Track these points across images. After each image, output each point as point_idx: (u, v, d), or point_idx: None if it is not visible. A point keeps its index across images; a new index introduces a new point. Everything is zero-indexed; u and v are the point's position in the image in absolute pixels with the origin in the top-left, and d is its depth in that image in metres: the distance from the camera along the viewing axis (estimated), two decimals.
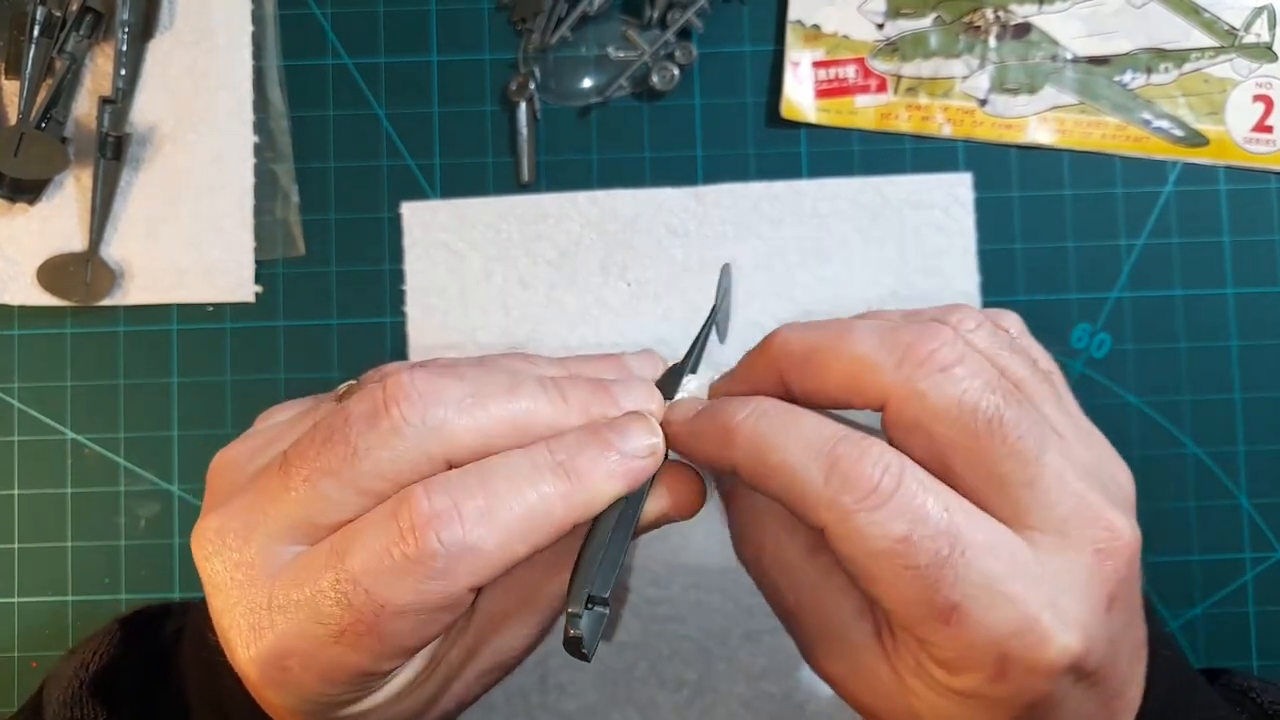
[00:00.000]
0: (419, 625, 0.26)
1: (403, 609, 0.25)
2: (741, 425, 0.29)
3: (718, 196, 0.48)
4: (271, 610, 0.26)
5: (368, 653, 0.26)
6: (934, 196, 0.48)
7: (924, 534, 0.26)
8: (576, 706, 0.46)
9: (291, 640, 0.26)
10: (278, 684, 0.27)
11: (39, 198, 0.48)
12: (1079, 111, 0.48)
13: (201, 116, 0.48)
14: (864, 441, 0.27)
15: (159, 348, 0.48)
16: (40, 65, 0.47)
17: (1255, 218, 0.48)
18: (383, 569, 0.25)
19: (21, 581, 0.48)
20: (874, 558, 0.26)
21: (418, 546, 0.25)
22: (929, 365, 0.27)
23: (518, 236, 0.48)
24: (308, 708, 0.28)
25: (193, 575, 0.47)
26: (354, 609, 0.25)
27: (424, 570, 0.25)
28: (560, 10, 0.48)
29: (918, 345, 0.28)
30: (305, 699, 0.27)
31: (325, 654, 0.26)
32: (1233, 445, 0.47)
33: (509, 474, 0.27)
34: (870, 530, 0.26)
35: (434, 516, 0.25)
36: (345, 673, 0.27)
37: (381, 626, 0.25)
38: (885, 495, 0.26)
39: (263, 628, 0.27)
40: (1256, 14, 0.48)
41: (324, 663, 0.26)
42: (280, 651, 0.26)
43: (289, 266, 0.49)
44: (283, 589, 0.26)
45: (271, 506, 0.27)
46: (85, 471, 0.48)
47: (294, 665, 0.27)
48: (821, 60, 0.49)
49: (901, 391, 0.27)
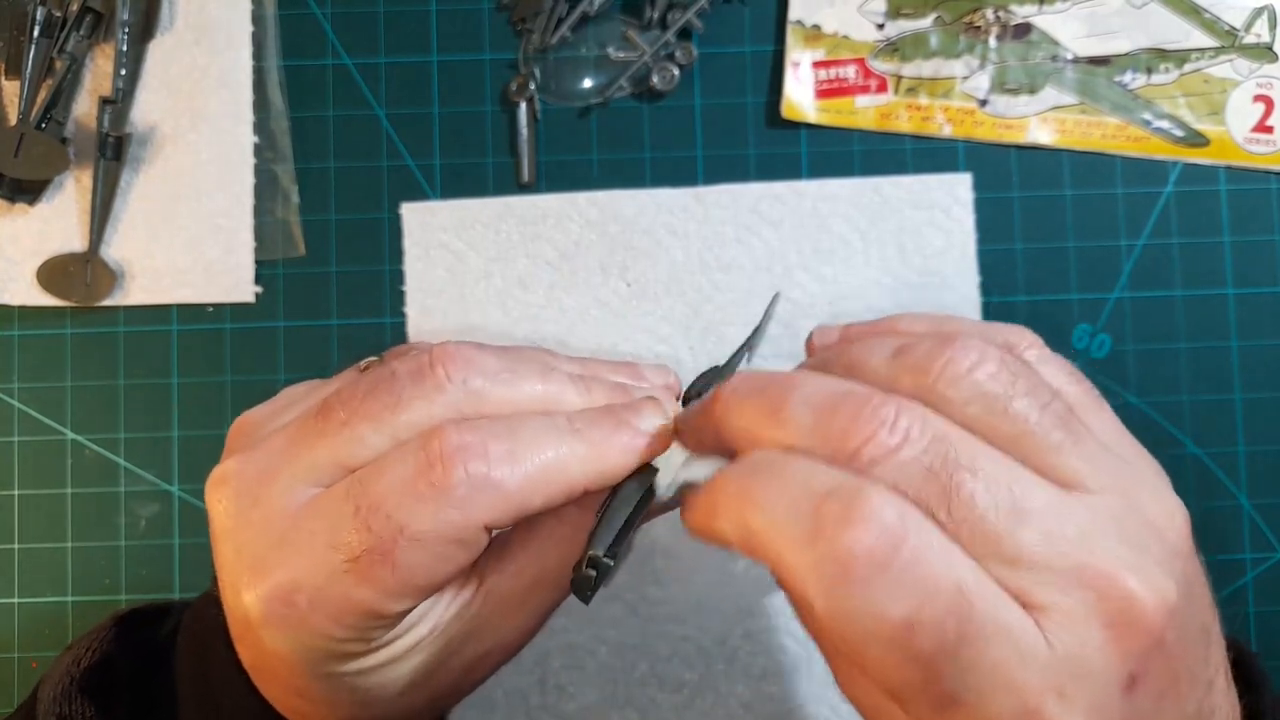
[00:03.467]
0: (432, 559, 0.26)
1: (420, 536, 0.26)
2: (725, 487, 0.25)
3: (718, 197, 0.48)
4: (284, 545, 0.27)
5: (379, 585, 0.26)
6: (934, 197, 0.48)
7: (930, 613, 0.22)
8: (576, 707, 0.46)
9: (302, 572, 0.26)
10: (281, 622, 0.27)
11: (39, 198, 0.48)
12: (1079, 112, 0.48)
13: (202, 117, 0.48)
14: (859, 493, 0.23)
15: (159, 348, 0.48)
16: (40, 65, 0.47)
17: (1256, 218, 0.48)
18: (406, 494, 0.26)
19: (21, 582, 0.48)
20: (867, 644, 0.23)
21: (444, 473, 0.26)
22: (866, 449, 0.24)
23: (517, 237, 0.48)
24: (308, 656, 0.27)
25: (193, 576, 0.47)
26: (372, 533, 0.26)
27: (446, 498, 0.26)
28: (560, 10, 0.48)
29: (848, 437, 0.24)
30: (307, 643, 0.27)
31: (335, 587, 0.26)
32: (1233, 446, 0.47)
33: (534, 429, 0.28)
34: (865, 609, 0.22)
35: (462, 448, 0.26)
36: (353, 609, 0.26)
37: (396, 555, 0.26)
38: (883, 563, 0.22)
39: (272, 564, 0.27)
40: (1257, 14, 0.48)
41: (333, 597, 0.26)
42: (288, 586, 0.26)
43: (289, 267, 0.49)
44: (299, 521, 0.27)
45: (301, 448, 0.28)
46: (85, 472, 0.48)
47: (301, 600, 0.26)
48: (822, 60, 0.49)
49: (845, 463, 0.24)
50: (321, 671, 0.28)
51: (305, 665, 0.28)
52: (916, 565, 0.22)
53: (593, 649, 0.46)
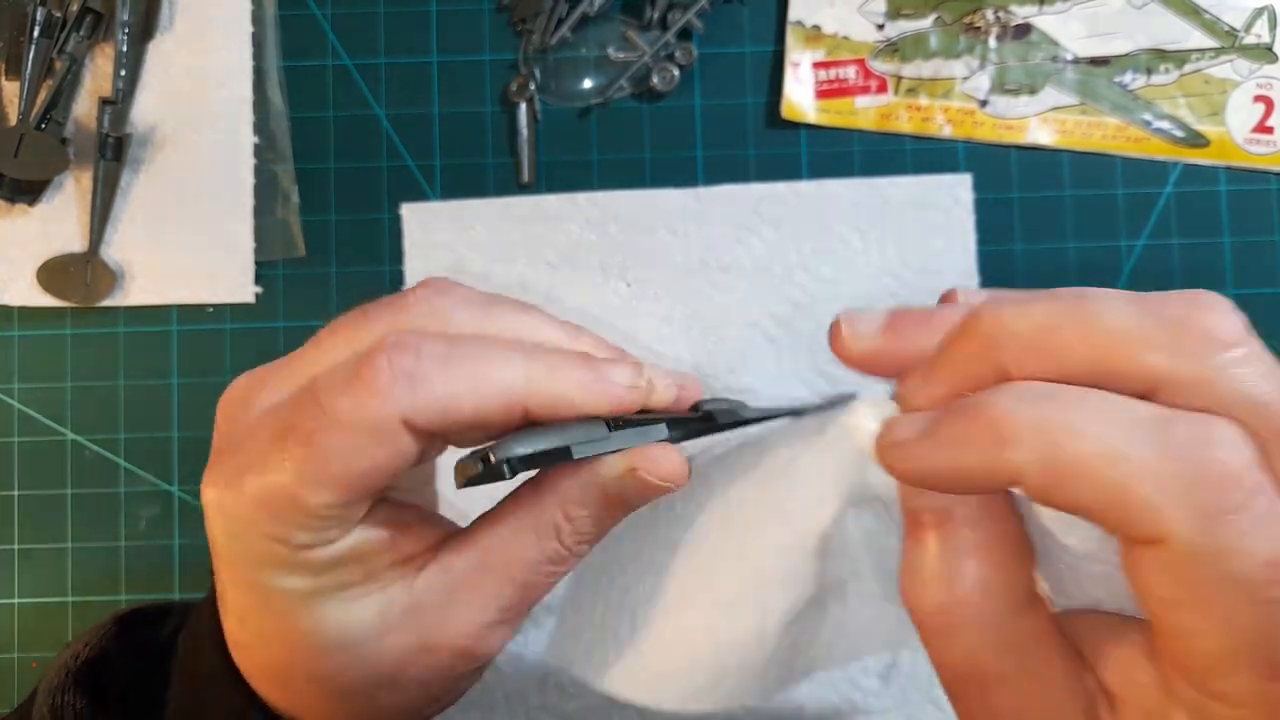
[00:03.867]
0: (349, 447, 0.26)
1: (338, 420, 0.26)
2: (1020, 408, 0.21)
3: (718, 197, 0.48)
4: (244, 437, 0.28)
5: (298, 466, 0.26)
6: (934, 197, 0.48)
7: None
8: (576, 707, 0.46)
9: (246, 455, 0.27)
10: (219, 509, 0.28)
11: (39, 199, 0.48)
12: (1079, 112, 0.48)
13: (201, 117, 0.48)
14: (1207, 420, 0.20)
15: (159, 349, 0.48)
16: (40, 66, 0.47)
17: (1255, 219, 0.48)
18: (335, 382, 0.27)
19: (21, 582, 0.48)
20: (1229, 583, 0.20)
21: (370, 366, 0.26)
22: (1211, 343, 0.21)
23: (518, 237, 0.48)
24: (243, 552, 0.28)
25: (193, 576, 0.47)
26: (301, 413, 0.27)
27: (366, 386, 0.26)
28: (560, 11, 0.48)
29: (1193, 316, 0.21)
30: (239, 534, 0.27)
31: (265, 466, 0.27)
32: None
33: (482, 342, 0.28)
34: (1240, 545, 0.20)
35: (396, 344, 0.26)
36: (274, 494, 0.26)
37: (317, 436, 0.26)
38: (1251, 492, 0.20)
39: (228, 454, 0.28)
40: (1257, 15, 0.48)
41: (263, 478, 0.27)
42: (232, 469, 0.27)
43: (289, 267, 0.49)
44: (263, 416, 0.28)
45: (287, 366, 0.29)
46: (85, 472, 0.48)
47: (236, 483, 0.27)
48: (822, 61, 0.49)
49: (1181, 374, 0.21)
50: (259, 581, 0.28)
51: (244, 570, 0.28)
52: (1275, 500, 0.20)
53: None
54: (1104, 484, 0.20)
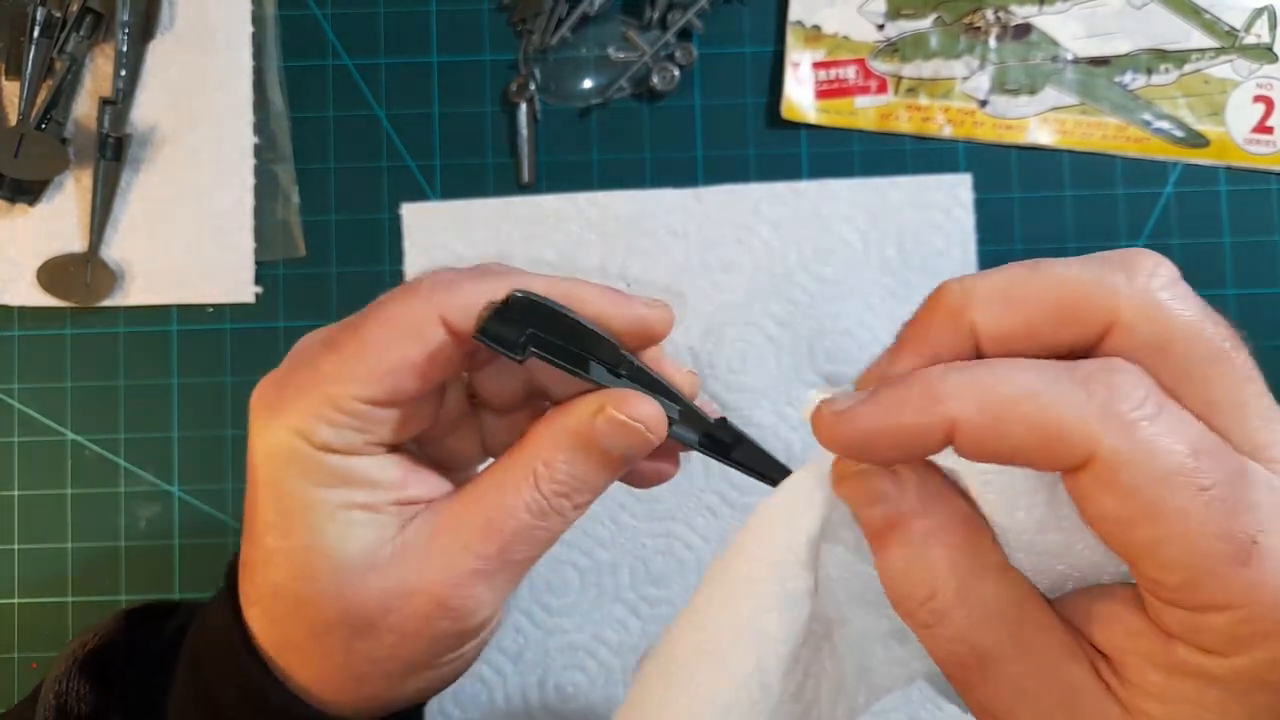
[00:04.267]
0: (389, 338, 0.29)
1: (384, 317, 0.29)
2: (950, 372, 0.24)
3: (718, 197, 0.48)
4: (292, 357, 0.31)
5: (341, 354, 0.29)
6: (934, 197, 0.48)
7: (1211, 445, 0.22)
8: (576, 708, 0.46)
9: (292, 360, 0.30)
10: (265, 406, 0.30)
11: (39, 199, 0.48)
12: (1079, 112, 0.48)
13: (202, 117, 0.48)
14: (1107, 360, 0.23)
15: (159, 348, 0.48)
16: (40, 66, 0.47)
17: (1256, 218, 0.48)
18: (389, 297, 0.30)
19: (22, 582, 0.48)
20: (1164, 480, 0.22)
21: (419, 278, 0.30)
22: (1160, 278, 0.24)
23: (518, 237, 0.48)
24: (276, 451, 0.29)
25: (193, 576, 0.47)
26: (354, 318, 0.30)
27: (413, 291, 0.29)
28: (560, 11, 0.48)
29: (1138, 261, 0.24)
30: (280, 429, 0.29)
31: (311, 358, 0.30)
32: None
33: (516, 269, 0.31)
34: (1158, 443, 0.22)
35: (444, 269, 0.30)
36: (318, 383, 0.29)
37: (364, 327, 0.29)
38: (1157, 407, 0.22)
39: (278, 370, 0.31)
40: (1257, 15, 0.48)
41: (306, 368, 0.30)
42: (281, 375, 0.30)
43: (289, 267, 0.49)
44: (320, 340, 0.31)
45: None
46: (85, 472, 0.48)
47: (283, 384, 0.30)
48: (822, 61, 0.49)
49: (1138, 305, 0.23)
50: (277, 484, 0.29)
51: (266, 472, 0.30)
52: (1181, 411, 0.23)
53: (593, 649, 0.46)
54: (1031, 420, 0.22)
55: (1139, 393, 0.22)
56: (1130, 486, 0.22)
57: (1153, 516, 0.22)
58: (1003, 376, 0.23)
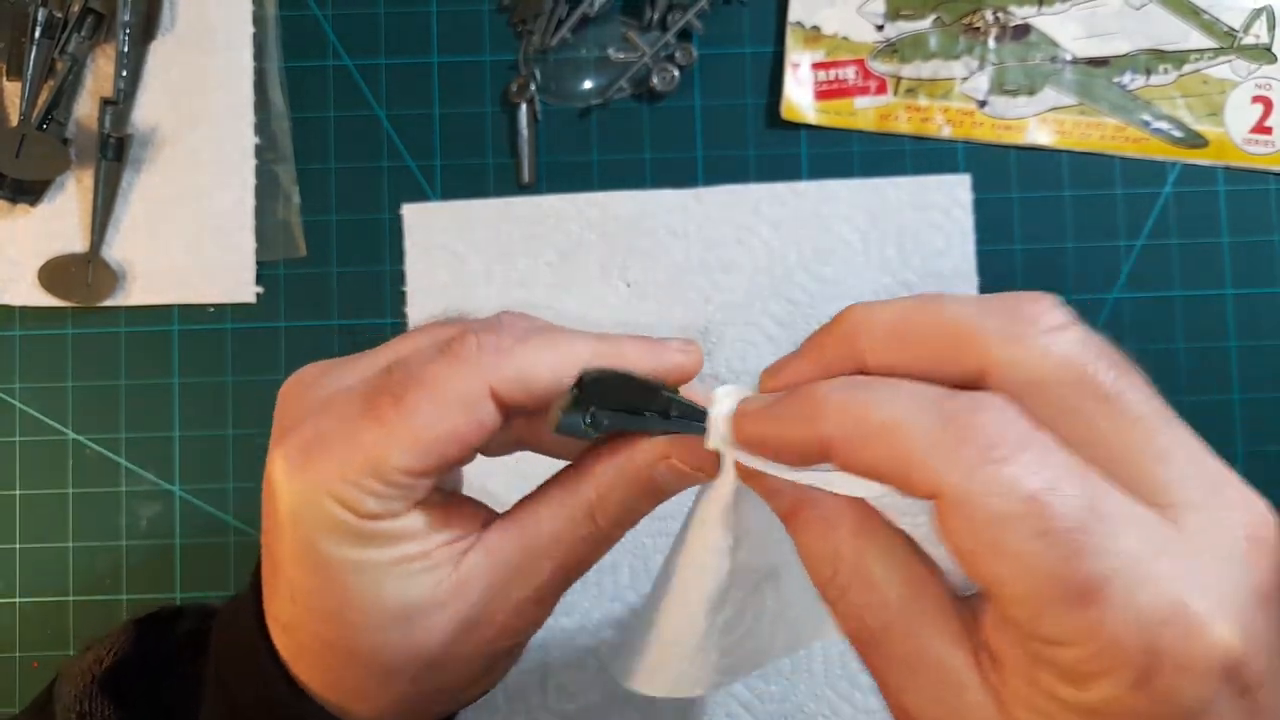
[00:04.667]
0: (436, 411, 0.28)
1: (429, 387, 0.28)
2: (832, 393, 0.25)
3: (717, 197, 0.48)
4: (317, 409, 0.29)
5: (384, 428, 0.28)
6: (933, 198, 0.48)
7: (1065, 487, 0.22)
8: (577, 707, 0.46)
9: (324, 419, 0.29)
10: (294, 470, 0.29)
11: (40, 199, 0.48)
12: (1078, 113, 0.48)
13: (202, 118, 0.49)
14: (979, 395, 0.24)
15: (160, 348, 0.48)
16: (41, 66, 0.47)
17: (1254, 219, 0.48)
18: (423, 355, 0.29)
19: (23, 582, 0.48)
20: (1001, 522, 0.22)
21: (459, 340, 0.29)
22: (1040, 325, 0.25)
23: (518, 237, 0.48)
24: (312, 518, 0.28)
25: (194, 575, 0.48)
26: (391, 382, 0.29)
27: (457, 358, 0.29)
28: (560, 12, 0.49)
29: (1023, 307, 0.25)
30: (316, 499, 0.28)
31: (347, 427, 0.28)
32: (1231, 445, 0.48)
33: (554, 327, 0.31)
34: (999, 486, 0.22)
35: (480, 327, 0.30)
36: (359, 455, 0.28)
37: (406, 400, 0.28)
38: (1014, 447, 0.23)
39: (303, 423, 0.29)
40: (1255, 15, 0.48)
41: (343, 438, 0.28)
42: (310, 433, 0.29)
43: (290, 267, 0.49)
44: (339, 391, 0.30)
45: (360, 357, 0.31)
46: (86, 472, 0.48)
47: (315, 443, 0.29)
48: (821, 62, 0.49)
49: (1012, 351, 0.24)
50: (320, 550, 0.29)
51: (307, 540, 0.29)
52: (1047, 450, 0.23)
53: (593, 649, 0.46)
54: (889, 448, 0.24)
55: (996, 432, 0.23)
56: (974, 526, 0.23)
57: (992, 554, 0.22)
58: (874, 401, 0.24)
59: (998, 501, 0.22)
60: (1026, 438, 0.23)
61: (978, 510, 0.22)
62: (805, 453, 0.26)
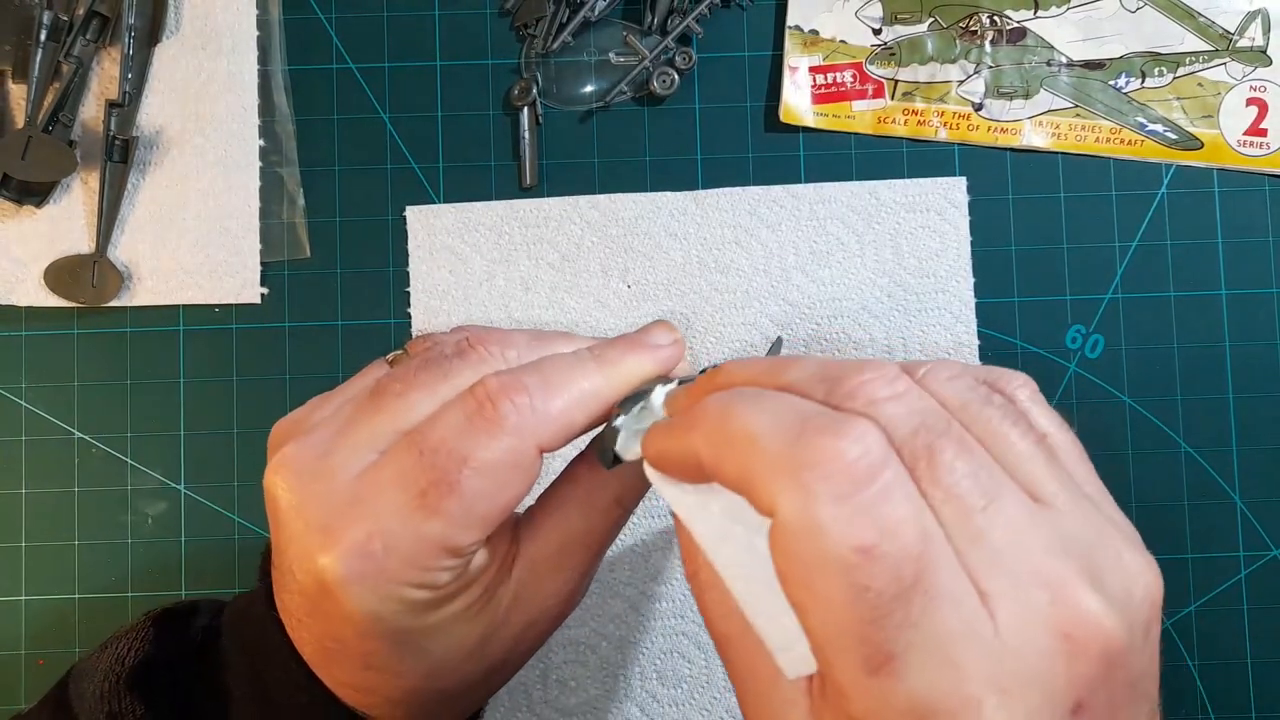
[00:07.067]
0: (495, 485, 0.28)
1: (482, 464, 0.28)
2: (709, 402, 0.25)
3: (717, 200, 0.48)
4: (355, 504, 0.28)
5: (448, 516, 0.28)
6: (929, 200, 0.48)
7: (892, 550, 0.21)
8: (577, 701, 0.46)
9: (376, 522, 0.28)
10: (360, 576, 0.28)
11: (46, 200, 0.49)
12: (1074, 115, 0.49)
13: (208, 120, 0.49)
14: (848, 418, 0.22)
15: (166, 349, 0.49)
16: (47, 69, 0.48)
17: (1248, 220, 0.49)
18: (462, 433, 0.28)
19: (28, 580, 0.48)
20: (820, 565, 0.21)
21: (494, 409, 0.28)
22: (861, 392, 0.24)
23: (520, 239, 0.48)
24: (385, 608, 0.28)
25: (200, 573, 0.48)
26: (437, 468, 0.28)
27: (499, 428, 0.28)
28: (562, 16, 0.49)
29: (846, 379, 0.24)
30: (385, 592, 0.28)
31: (408, 526, 0.28)
32: (1226, 445, 0.48)
33: (560, 363, 0.31)
34: (830, 527, 0.21)
35: (503, 387, 0.29)
36: (427, 546, 0.28)
37: (462, 483, 0.28)
38: (858, 483, 0.21)
39: (346, 523, 0.28)
40: (1250, 18, 0.49)
41: (407, 537, 0.28)
42: (364, 538, 0.28)
43: (294, 268, 0.49)
44: (366, 480, 0.29)
45: (359, 422, 0.30)
46: (92, 471, 0.48)
47: (378, 547, 0.28)
48: (819, 65, 0.49)
49: None
50: (395, 628, 0.29)
51: (380, 624, 0.29)
52: (889, 499, 0.21)
53: (594, 644, 0.47)
54: (739, 458, 0.23)
55: (847, 462, 0.22)
56: (794, 554, 0.22)
57: (805, 589, 0.22)
58: (738, 416, 0.24)
59: (826, 542, 0.21)
60: (875, 474, 0.22)
61: (805, 543, 0.21)
62: (688, 466, 0.25)
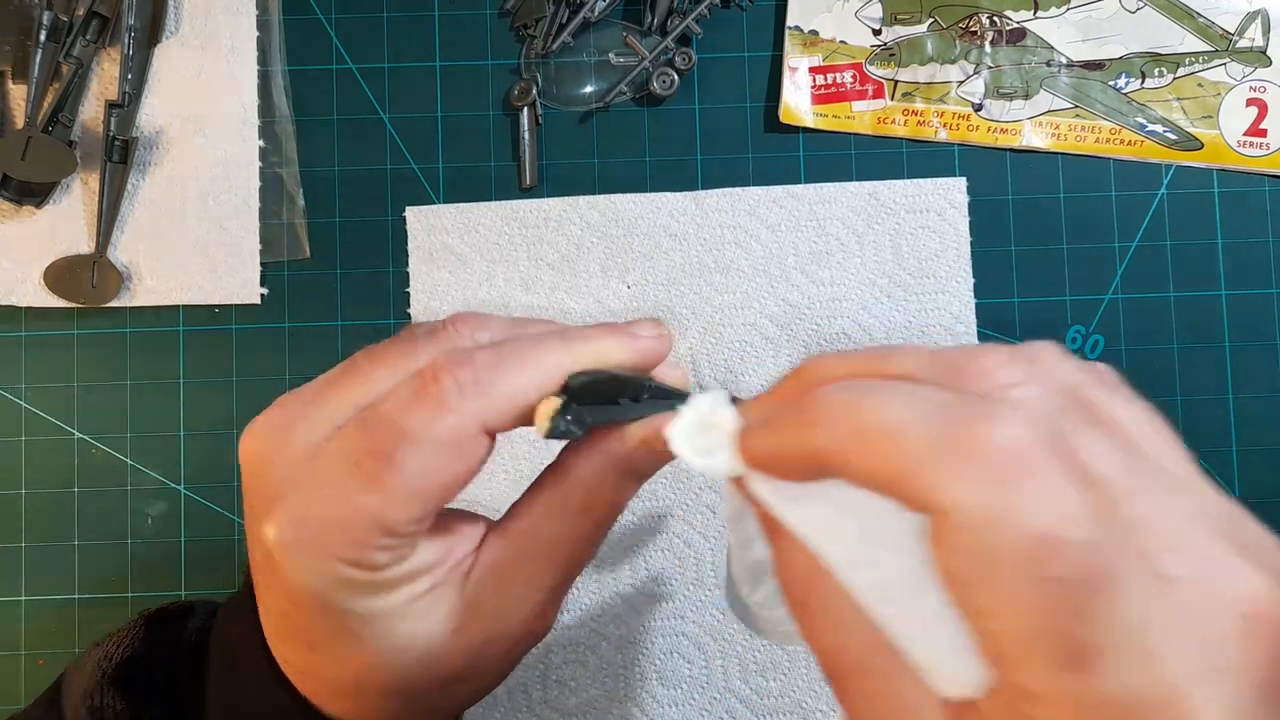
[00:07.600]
0: (433, 462, 0.27)
1: (418, 439, 0.27)
2: (828, 395, 0.23)
3: (716, 200, 0.48)
4: (301, 476, 0.28)
5: (383, 490, 0.27)
6: (929, 200, 0.48)
7: (1076, 535, 0.19)
8: (577, 702, 0.47)
9: (315, 494, 0.28)
10: (296, 544, 0.28)
11: (46, 201, 0.49)
12: (1073, 116, 0.49)
13: (208, 121, 0.49)
14: (999, 403, 0.21)
15: (166, 349, 0.49)
16: (47, 69, 0.48)
17: (1248, 220, 0.49)
18: (404, 405, 0.27)
19: (29, 580, 0.48)
20: (1000, 556, 0.19)
21: (436, 384, 0.27)
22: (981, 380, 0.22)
23: (520, 240, 0.48)
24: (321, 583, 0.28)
25: (200, 573, 0.48)
26: (376, 440, 0.27)
27: (440, 403, 0.27)
28: (562, 17, 0.49)
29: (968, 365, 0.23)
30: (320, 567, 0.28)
31: (343, 496, 0.27)
32: (1226, 445, 0.48)
33: (521, 342, 0.29)
34: (1004, 515, 0.19)
35: (450, 363, 0.28)
36: (363, 520, 0.27)
37: (398, 456, 0.27)
38: (1026, 469, 0.20)
39: (290, 493, 0.28)
40: (1250, 19, 0.49)
41: (342, 507, 0.27)
42: (302, 508, 0.28)
43: (294, 269, 0.49)
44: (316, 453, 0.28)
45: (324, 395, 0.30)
46: (92, 471, 0.48)
47: (314, 518, 0.27)
48: (819, 66, 0.49)
49: None
50: (332, 607, 0.29)
51: (316, 599, 0.28)
52: (1057, 485, 0.20)
53: (594, 644, 0.47)
54: (889, 455, 0.21)
55: (1007, 447, 0.20)
56: (972, 553, 0.20)
57: (989, 590, 0.20)
58: (873, 404, 0.22)
59: (1001, 532, 0.19)
60: (1041, 459, 0.20)
61: (976, 537, 0.20)
62: (804, 465, 0.23)
